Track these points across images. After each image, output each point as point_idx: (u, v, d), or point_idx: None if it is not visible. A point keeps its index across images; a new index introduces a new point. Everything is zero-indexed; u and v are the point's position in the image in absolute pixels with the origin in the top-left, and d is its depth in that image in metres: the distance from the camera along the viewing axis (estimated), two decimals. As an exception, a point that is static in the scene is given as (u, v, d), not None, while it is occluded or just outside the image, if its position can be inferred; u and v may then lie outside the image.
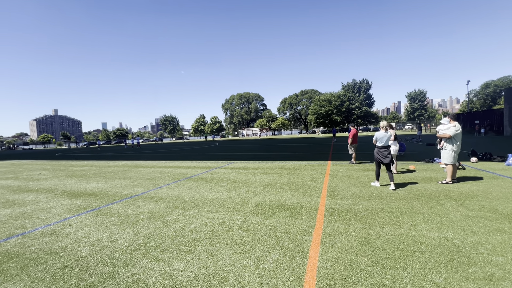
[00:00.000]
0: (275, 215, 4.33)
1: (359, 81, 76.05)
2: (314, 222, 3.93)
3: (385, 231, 3.47)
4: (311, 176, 7.69)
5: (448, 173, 6.01)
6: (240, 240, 3.39)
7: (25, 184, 8.67)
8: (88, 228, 4.10)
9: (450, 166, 5.98)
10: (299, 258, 2.86)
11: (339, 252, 2.95)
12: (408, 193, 5.30)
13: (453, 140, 5.97)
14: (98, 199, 5.99)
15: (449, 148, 6.00)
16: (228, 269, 2.69)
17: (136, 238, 3.61)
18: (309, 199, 5.21)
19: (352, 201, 4.90)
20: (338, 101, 71.03)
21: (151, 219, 4.37)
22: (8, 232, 4.11)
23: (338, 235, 3.40)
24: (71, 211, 5.15)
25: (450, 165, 5.97)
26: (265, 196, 5.60)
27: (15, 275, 2.78)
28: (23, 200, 6.25)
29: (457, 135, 5.94)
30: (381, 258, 2.77)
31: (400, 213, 4.16)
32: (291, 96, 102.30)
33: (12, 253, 3.32)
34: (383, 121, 6.16)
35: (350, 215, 4.16)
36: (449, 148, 6.01)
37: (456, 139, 5.96)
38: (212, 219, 4.27)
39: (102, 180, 8.72)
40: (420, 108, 76.42)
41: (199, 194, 5.98)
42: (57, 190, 7.28)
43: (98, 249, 3.31)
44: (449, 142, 6.02)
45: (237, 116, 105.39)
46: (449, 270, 2.50)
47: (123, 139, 43.36)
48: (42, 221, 4.60)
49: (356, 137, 10.00)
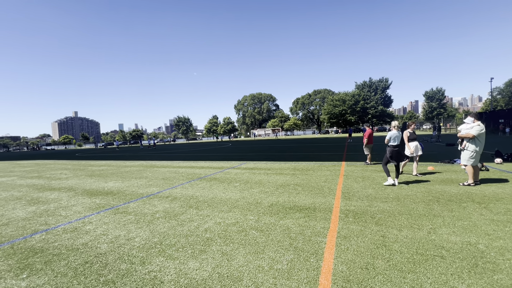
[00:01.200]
0: (288, 216, 4.30)
1: (378, 79, 73.98)
2: (328, 223, 3.87)
3: (403, 234, 3.37)
4: (324, 177, 7.59)
5: (469, 175, 5.74)
6: (254, 240, 3.39)
7: (48, 183, 9.09)
8: (107, 226, 4.24)
9: (470, 168, 5.70)
10: (313, 259, 2.82)
11: (354, 254, 2.89)
12: (427, 195, 5.11)
13: (476, 140, 5.67)
14: (115, 198, 6.18)
15: (472, 149, 5.69)
16: (242, 269, 2.70)
17: (152, 236, 3.69)
18: (323, 200, 5.14)
19: (368, 203, 4.79)
20: (352, 101, 69.66)
21: (166, 218, 4.46)
22: (33, 228, 4.32)
23: (354, 237, 3.33)
24: (90, 209, 5.35)
25: (470, 166, 5.70)
26: (278, 196, 5.58)
27: (40, 269, 2.92)
28: (47, 198, 6.55)
29: (481, 135, 5.63)
30: (399, 262, 2.69)
31: (418, 215, 4.02)
32: (304, 96, 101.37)
33: (37, 248, 3.48)
34: (395, 121, 6.32)
35: (366, 217, 4.07)
36: (471, 149, 5.70)
37: (480, 139, 5.66)
38: (225, 219, 4.30)
39: (119, 179, 8.99)
40: (438, 107, 73.56)
41: (213, 194, 6.04)
42: (77, 189, 7.58)
43: (116, 246, 3.41)
44: (472, 143, 5.73)
45: (249, 116, 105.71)
46: (473, 277, 2.39)
47: (139, 139, 44.69)
48: (64, 218, 4.80)
49: (372, 138, 9.78)
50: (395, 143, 6.06)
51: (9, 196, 7.05)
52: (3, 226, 4.53)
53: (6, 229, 4.36)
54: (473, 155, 5.67)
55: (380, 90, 72.56)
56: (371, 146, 9.76)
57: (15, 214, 5.25)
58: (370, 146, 9.72)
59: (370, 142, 9.71)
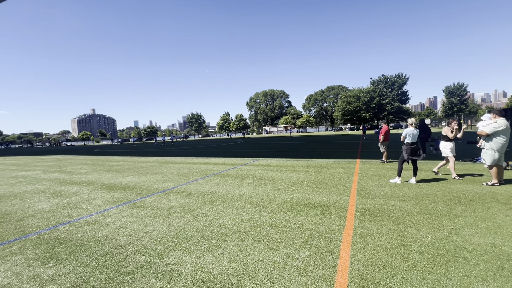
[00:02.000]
0: (302, 213, 4.28)
1: (394, 75, 71.73)
2: (344, 221, 3.82)
3: (422, 234, 3.27)
4: (339, 174, 7.48)
5: (492, 174, 5.47)
6: (268, 236, 3.40)
7: (69, 177, 9.49)
8: (125, 219, 4.38)
9: (493, 167, 5.44)
10: (329, 257, 2.80)
11: (371, 253, 2.84)
12: (447, 195, 4.93)
13: (494, 138, 5.35)
14: (133, 193, 6.37)
15: (488, 147, 5.42)
16: (257, 265, 2.71)
17: (169, 230, 3.78)
18: (337, 198, 5.07)
19: (385, 201, 4.68)
20: (367, 97, 67.99)
21: (182, 213, 4.55)
22: (57, 220, 4.54)
23: (370, 236, 3.27)
24: (109, 202, 5.54)
25: (493, 165, 5.42)
26: (292, 193, 5.56)
27: (65, 259, 3.06)
28: (68, 192, 6.85)
29: (499, 133, 5.29)
30: (418, 262, 2.62)
31: (438, 215, 3.88)
32: (317, 93, 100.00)
33: (61, 239, 3.65)
34: (411, 118, 6.24)
35: (383, 215, 3.98)
36: (487, 147, 5.43)
37: (498, 137, 5.33)
38: (239, 215, 4.33)
39: (135, 174, 9.26)
40: (459, 103, 70.53)
41: (227, 190, 6.10)
42: (97, 183, 7.87)
43: (135, 239, 3.52)
44: (488, 140, 5.43)
45: (261, 113, 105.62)
46: (498, 280, 2.29)
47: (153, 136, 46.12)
48: (85, 211, 5.00)
49: (388, 135, 9.53)
50: (410, 140, 5.93)
51: (34, 189, 7.42)
52: (30, 217, 4.78)
53: (33, 220, 4.60)
54: (491, 153, 5.38)
55: (397, 86, 70.34)
56: (387, 143, 9.51)
57: (40, 206, 5.52)
58: (386, 144, 9.48)
59: (387, 139, 9.46)
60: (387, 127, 9.51)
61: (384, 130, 9.43)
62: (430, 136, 10.43)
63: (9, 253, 3.28)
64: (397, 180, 6.13)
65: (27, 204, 5.72)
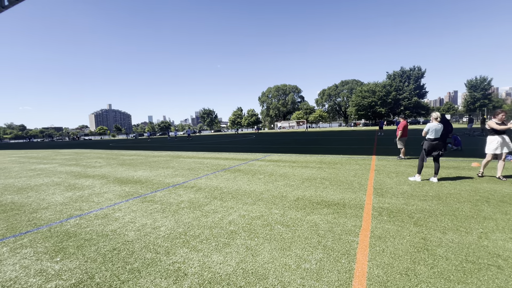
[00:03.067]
0: (316, 211, 4.07)
1: (409, 68, 69.19)
2: (360, 221, 3.58)
3: (448, 237, 3.00)
4: (354, 171, 7.18)
5: None
6: (280, 236, 3.24)
7: (84, 170, 9.69)
8: (135, 213, 4.34)
9: None
10: (345, 260, 2.60)
11: (392, 258, 2.61)
12: (474, 195, 4.57)
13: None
14: (143, 187, 6.37)
15: None
16: (267, 266, 2.56)
17: (177, 226, 3.69)
18: (353, 196, 4.82)
19: (404, 201, 4.39)
20: (383, 92, 65.91)
21: (191, 209, 4.46)
22: (69, 213, 4.57)
23: (390, 238, 3.03)
24: (120, 196, 5.55)
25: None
26: (304, 190, 5.35)
27: (72, 253, 3.03)
28: (82, 185, 6.95)
29: None
30: (445, 270, 2.37)
31: (465, 217, 3.58)
32: (330, 87, 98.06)
33: (71, 233, 3.65)
34: (436, 112, 5.77)
35: (403, 216, 3.71)
36: None
37: None
38: (250, 211, 4.19)
39: (147, 169, 9.32)
40: (482, 98, 66.99)
41: (237, 186, 5.97)
42: (109, 177, 7.97)
43: (143, 234, 3.46)
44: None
45: (273, 108, 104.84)
46: (541, 293, 2.02)
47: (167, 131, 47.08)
48: (96, 204, 5.02)
49: (406, 130, 9.07)
50: (433, 136, 5.54)
51: (50, 182, 7.60)
52: (44, 209, 4.84)
53: (45, 212, 4.66)
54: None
55: (413, 79, 67.73)
56: (406, 139, 9.05)
57: (54, 198, 5.61)
58: (404, 140, 9.03)
59: (405, 135, 9.01)
60: (405, 122, 9.05)
61: (402, 125, 8.98)
62: (451, 132, 9.84)
63: (20, 246, 3.29)
64: (416, 178, 5.78)
65: (42, 197, 5.83)
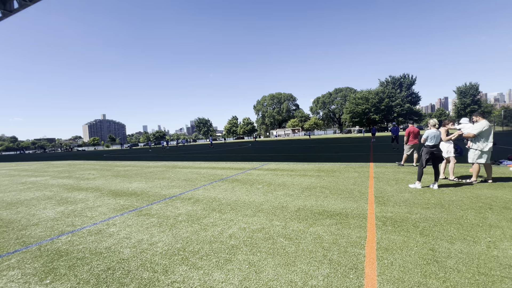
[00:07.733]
0: (318, 222, 3.96)
1: (400, 76, 70.77)
2: (365, 232, 3.48)
3: (456, 247, 2.91)
4: (353, 179, 7.11)
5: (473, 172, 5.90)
6: (283, 250, 3.10)
7: (77, 183, 9.42)
8: (130, 228, 4.16)
9: (476, 165, 5.86)
10: (353, 276, 2.48)
11: (401, 271, 2.51)
12: (476, 201, 4.52)
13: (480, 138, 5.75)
14: (139, 199, 6.17)
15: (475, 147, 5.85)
16: (272, 284, 2.42)
17: (175, 241, 3.53)
18: (354, 205, 4.73)
19: (407, 209, 4.31)
20: (376, 99, 66.95)
21: (189, 222, 4.30)
22: (60, 229, 4.35)
23: (397, 250, 2.93)
24: (115, 210, 5.35)
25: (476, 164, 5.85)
26: (304, 200, 5.24)
27: (63, 274, 2.84)
28: (75, 198, 6.71)
29: (483, 133, 5.70)
30: (458, 283, 2.27)
31: (471, 225, 3.51)
32: (325, 95, 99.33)
33: (62, 251, 3.45)
34: (433, 119, 5.83)
35: (408, 225, 3.63)
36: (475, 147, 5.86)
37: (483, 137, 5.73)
38: (250, 224, 4.05)
39: (143, 180, 9.10)
40: (472, 104, 68.56)
41: (235, 197, 5.83)
42: (103, 189, 7.73)
43: (139, 251, 3.28)
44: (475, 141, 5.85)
45: (268, 116, 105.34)
46: (561, 307, 1.93)
47: (161, 141, 47.05)
48: (89, 219, 4.81)
49: (413, 136, 8.66)
50: (432, 143, 5.54)
51: (41, 196, 7.33)
52: (34, 226, 4.62)
53: (35, 229, 4.44)
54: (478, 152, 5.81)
55: (405, 87, 69.17)
56: (415, 145, 8.67)
57: (45, 214, 5.38)
58: (416, 146, 8.68)
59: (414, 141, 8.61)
60: (412, 127, 8.71)
61: (407, 131, 8.74)
62: None
63: (6, 267, 3.09)
64: (417, 185, 5.73)
65: (32, 212, 5.59)
